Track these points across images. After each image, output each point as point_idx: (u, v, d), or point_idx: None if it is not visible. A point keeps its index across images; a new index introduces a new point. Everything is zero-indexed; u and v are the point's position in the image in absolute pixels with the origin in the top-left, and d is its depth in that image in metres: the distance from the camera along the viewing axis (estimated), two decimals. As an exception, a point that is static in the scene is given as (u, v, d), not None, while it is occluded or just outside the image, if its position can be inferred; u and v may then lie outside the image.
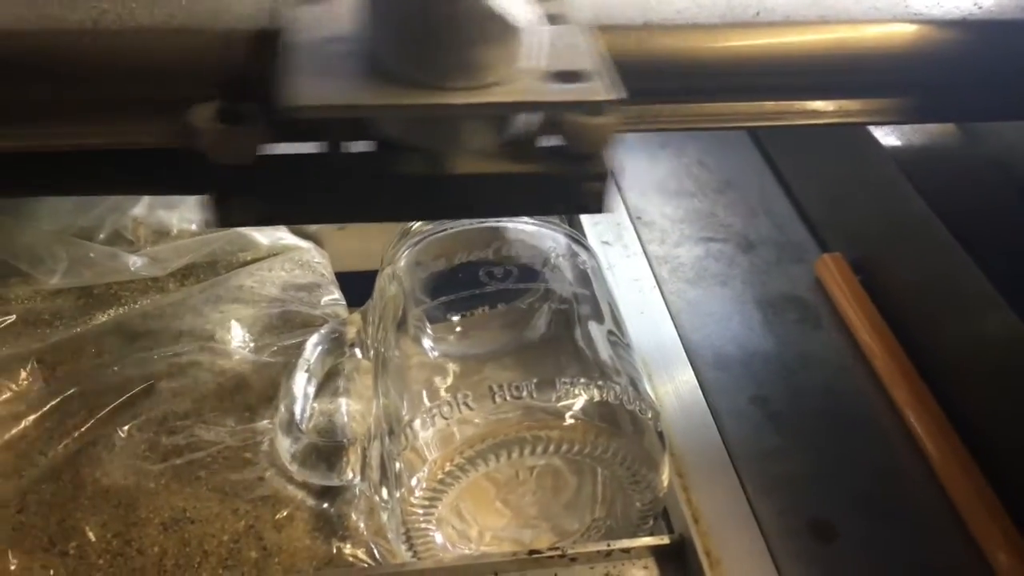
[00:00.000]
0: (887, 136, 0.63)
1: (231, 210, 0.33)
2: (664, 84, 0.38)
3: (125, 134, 0.36)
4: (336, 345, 0.58)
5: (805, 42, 0.37)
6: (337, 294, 0.66)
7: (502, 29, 0.28)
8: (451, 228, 0.56)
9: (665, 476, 0.49)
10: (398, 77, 0.29)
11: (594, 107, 0.29)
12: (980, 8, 0.39)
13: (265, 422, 0.55)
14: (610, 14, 0.36)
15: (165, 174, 0.42)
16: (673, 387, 0.58)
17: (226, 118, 0.31)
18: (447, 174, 0.33)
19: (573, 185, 0.34)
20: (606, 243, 0.69)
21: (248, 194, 0.33)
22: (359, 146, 0.34)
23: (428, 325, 0.51)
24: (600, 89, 0.29)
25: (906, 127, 0.63)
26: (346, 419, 0.57)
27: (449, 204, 0.35)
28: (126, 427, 0.54)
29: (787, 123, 0.39)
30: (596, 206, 0.34)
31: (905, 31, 0.38)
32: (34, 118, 0.34)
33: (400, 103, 0.28)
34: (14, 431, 0.53)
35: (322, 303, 0.65)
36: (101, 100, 0.34)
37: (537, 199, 0.35)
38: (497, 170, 0.33)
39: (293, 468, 0.52)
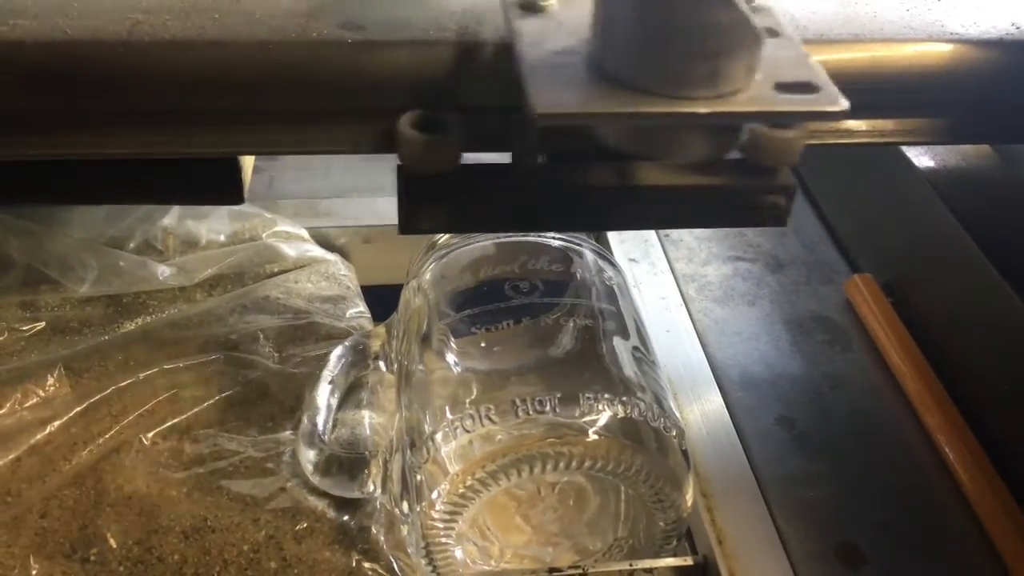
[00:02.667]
0: (920, 156, 0.62)
1: (419, 218, 0.34)
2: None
3: (156, 144, 0.36)
4: (360, 357, 0.58)
5: (838, 60, 0.37)
6: (362, 307, 0.66)
7: (752, 39, 0.28)
8: (477, 242, 0.56)
9: (689, 495, 0.48)
10: (634, 86, 0.29)
11: (829, 117, 0.29)
12: (1018, 28, 0.38)
13: (288, 433, 0.55)
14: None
15: (192, 182, 0.42)
16: (699, 406, 0.57)
17: (428, 127, 0.31)
18: (636, 185, 0.33)
19: (757, 199, 0.34)
20: (633, 260, 0.69)
21: (437, 203, 0.33)
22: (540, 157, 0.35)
23: (452, 339, 0.51)
24: (833, 99, 0.29)
25: (940, 148, 0.62)
26: (368, 432, 0.56)
27: (633, 215, 0.36)
28: (150, 435, 0.54)
29: (820, 142, 0.39)
30: (778, 220, 0.34)
31: (940, 51, 0.37)
32: (66, 127, 0.35)
33: (646, 111, 0.28)
34: (39, 436, 0.53)
35: (347, 315, 0.65)
36: (132, 110, 0.34)
37: (720, 212, 0.35)
38: (684, 182, 0.34)
39: (315, 479, 0.52)
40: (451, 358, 0.50)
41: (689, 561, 0.49)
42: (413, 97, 0.33)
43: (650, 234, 0.71)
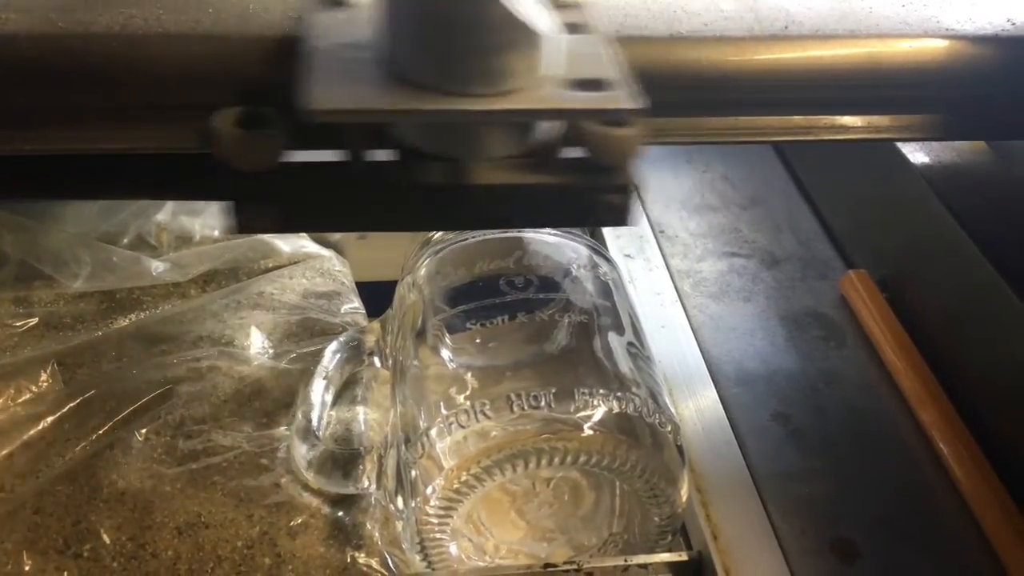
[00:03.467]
0: (915, 152, 0.62)
1: (250, 216, 0.33)
2: (691, 97, 0.38)
3: (149, 139, 0.36)
4: (355, 353, 0.58)
5: (834, 56, 0.37)
6: (357, 302, 0.66)
7: (525, 36, 0.28)
8: (472, 238, 0.56)
9: (684, 491, 0.48)
10: (418, 83, 0.29)
11: (615, 115, 0.29)
12: (1014, 24, 0.38)
13: (282, 429, 0.55)
14: (636, 25, 0.36)
15: (186, 178, 0.42)
16: (694, 402, 0.57)
17: (247, 123, 0.31)
18: (467, 184, 0.33)
19: (595, 197, 0.33)
20: (628, 256, 0.68)
21: (267, 201, 0.32)
22: (380, 155, 0.34)
23: (447, 334, 0.51)
24: (622, 98, 0.28)
25: (935, 144, 0.62)
26: (363, 427, 0.56)
27: (469, 215, 0.35)
28: (143, 431, 0.54)
29: (815, 138, 0.39)
30: (618, 219, 0.34)
31: (936, 47, 0.37)
32: (59, 122, 0.35)
33: (419, 108, 0.28)
34: (32, 432, 0.53)
35: (342, 311, 0.65)
36: (125, 105, 0.34)
37: (558, 211, 0.35)
38: (517, 181, 0.33)
39: (309, 475, 0.52)
40: (446, 354, 0.50)
41: (684, 556, 0.49)
42: (234, 93, 0.32)
43: (645, 230, 0.71)
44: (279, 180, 0.31)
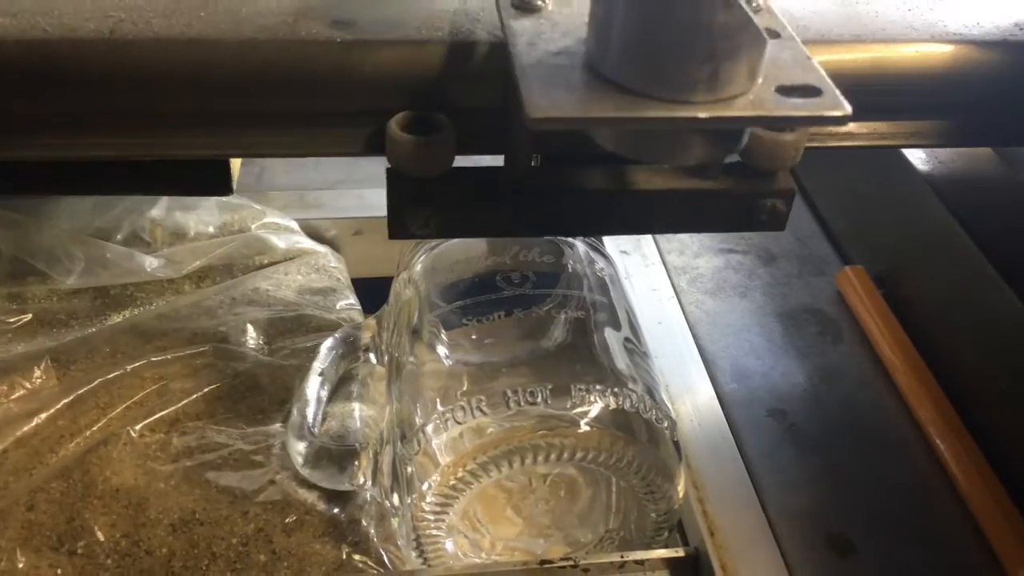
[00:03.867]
0: (912, 150, 0.62)
1: (412, 222, 0.33)
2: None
3: (142, 146, 0.35)
4: (350, 350, 0.58)
5: (839, 61, 0.36)
6: (352, 299, 0.66)
7: (756, 42, 0.27)
8: (468, 233, 0.56)
9: (681, 487, 0.48)
10: (632, 89, 0.28)
11: (833, 122, 0.28)
12: (1022, 29, 0.38)
13: (277, 425, 0.55)
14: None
15: (187, 174, 0.42)
16: (690, 398, 0.57)
17: (419, 129, 0.31)
18: (631, 190, 0.33)
19: (756, 203, 0.33)
20: (624, 252, 0.68)
21: (428, 206, 0.33)
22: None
23: (443, 330, 0.50)
24: (836, 104, 0.28)
25: (934, 143, 0.62)
26: (359, 424, 0.56)
27: (629, 220, 0.35)
28: (138, 427, 0.54)
29: (820, 145, 0.38)
30: (777, 224, 0.34)
31: (943, 52, 0.37)
32: (49, 129, 0.34)
33: (647, 116, 0.28)
34: (26, 428, 0.53)
35: (337, 307, 0.64)
36: (117, 111, 0.34)
37: (717, 217, 0.35)
38: (680, 187, 0.33)
39: (304, 472, 0.51)
40: (442, 350, 0.50)
41: (680, 553, 0.49)
42: (405, 98, 0.32)
43: (641, 226, 0.71)
44: (442, 186, 0.32)
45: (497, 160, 0.34)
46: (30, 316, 0.60)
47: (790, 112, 0.28)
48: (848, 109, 0.28)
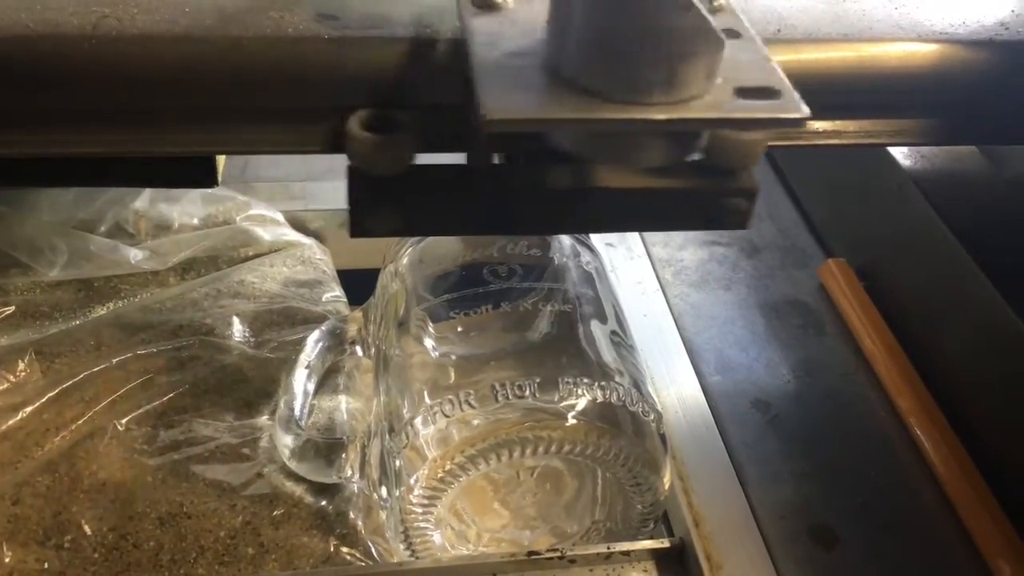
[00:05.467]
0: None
1: (372, 220, 0.32)
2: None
3: (121, 143, 0.35)
4: (337, 342, 0.58)
5: (827, 60, 0.36)
6: (338, 291, 0.66)
7: (713, 44, 0.27)
8: (455, 226, 0.56)
9: (666, 479, 0.48)
10: (591, 91, 0.28)
11: (791, 124, 0.28)
12: (1007, 29, 0.38)
13: (264, 418, 0.55)
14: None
15: (171, 166, 0.41)
16: (675, 390, 0.58)
17: (378, 127, 0.30)
18: (594, 187, 0.33)
19: (719, 201, 0.33)
20: (610, 245, 0.69)
21: (389, 204, 0.32)
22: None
23: (430, 323, 0.51)
24: (794, 106, 0.28)
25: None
26: (345, 416, 0.56)
27: (592, 218, 0.35)
28: (124, 420, 0.54)
29: (806, 143, 0.38)
30: (740, 223, 0.34)
31: (929, 51, 0.37)
32: (30, 124, 0.34)
33: (602, 117, 0.28)
34: (11, 422, 0.53)
35: (323, 300, 0.64)
36: (97, 108, 0.33)
37: (681, 215, 0.35)
38: (644, 185, 0.33)
39: (292, 465, 0.51)
40: (429, 343, 0.50)
41: (666, 544, 0.50)
42: (365, 95, 0.32)
43: (627, 218, 0.71)
44: (403, 184, 0.31)
45: (460, 158, 0.34)
46: (13, 308, 0.60)
47: (747, 114, 0.28)
48: (806, 111, 0.27)
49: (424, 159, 0.32)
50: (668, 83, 0.27)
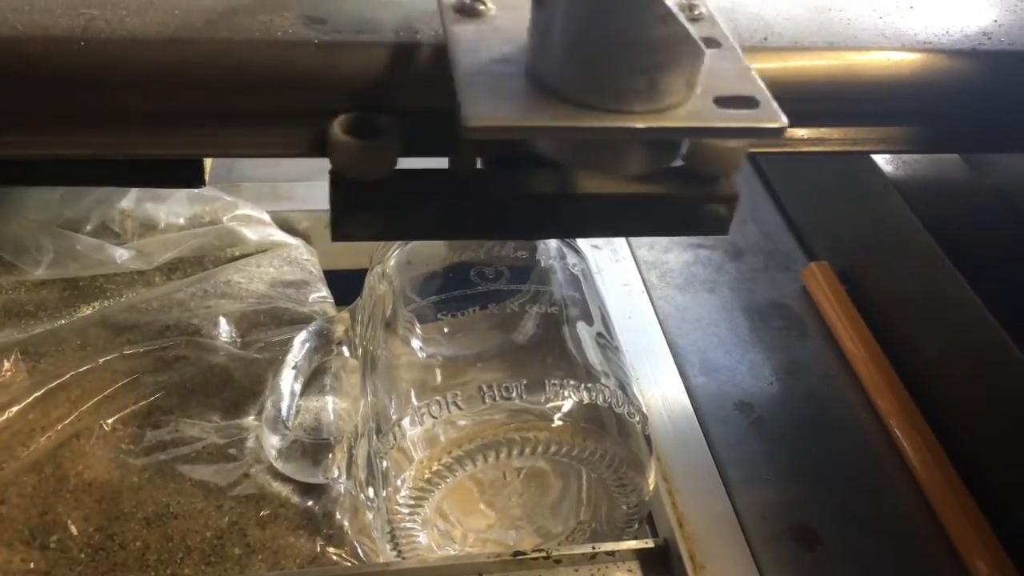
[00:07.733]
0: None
1: (353, 224, 0.32)
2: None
3: (107, 146, 0.35)
4: (324, 343, 0.58)
5: (812, 67, 0.37)
6: (325, 291, 0.66)
7: (694, 53, 0.28)
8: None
9: (651, 479, 0.49)
10: (572, 99, 0.28)
11: (770, 134, 0.28)
12: (990, 39, 0.38)
13: (251, 418, 0.55)
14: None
15: (158, 165, 0.41)
16: (660, 392, 0.58)
17: (362, 131, 0.30)
18: (576, 193, 0.33)
19: (700, 208, 0.34)
20: (596, 247, 0.69)
21: (372, 209, 0.32)
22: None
23: (417, 324, 0.51)
24: (773, 116, 0.28)
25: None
26: (332, 417, 0.56)
27: (574, 224, 0.35)
28: (110, 421, 0.53)
29: (791, 150, 0.39)
30: (721, 229, 0.34)
31: (913, 59, 0.37)
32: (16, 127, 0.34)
33: (583, 126, 0.28)
34: (-4, 422, 0.53)
35: (310, 300, 0.64)
36: (83, 111, 0.33)
37: (662, 221, 0.35)
38: (625, 191, 0.33)
39: (278, 465, 0.52)
40: (416, 344, 0.50)
41: (650, 544, 0.50)
42: (347, 99, 0.32)
43: (612, 221, 0.71)
44: (386, 188, 0.31)
45: (443, 163, 0.34)
46: (-2, 308, 0.60)
47: (726, 123, 0.28)
48: (784, 121, 0.28)
49: (406, 163, 0.32)
50: (649, 92, 0.28)
